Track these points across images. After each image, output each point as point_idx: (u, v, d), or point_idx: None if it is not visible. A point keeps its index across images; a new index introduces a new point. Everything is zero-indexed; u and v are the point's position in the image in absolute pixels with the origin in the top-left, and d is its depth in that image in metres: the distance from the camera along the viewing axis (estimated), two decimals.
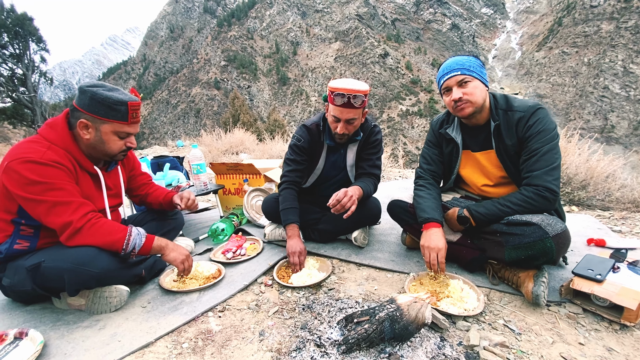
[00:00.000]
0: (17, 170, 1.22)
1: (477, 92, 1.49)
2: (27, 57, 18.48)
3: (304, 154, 2.00)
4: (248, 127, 12.47)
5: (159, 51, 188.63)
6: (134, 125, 1.45)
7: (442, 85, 1.56)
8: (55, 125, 1.37)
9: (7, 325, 1.35)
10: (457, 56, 1.53)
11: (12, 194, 1.26)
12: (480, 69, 1.51)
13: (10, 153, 1.27)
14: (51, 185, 1.25)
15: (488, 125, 1.57)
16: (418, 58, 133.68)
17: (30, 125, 18.89)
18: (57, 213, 1.26)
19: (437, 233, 1.51)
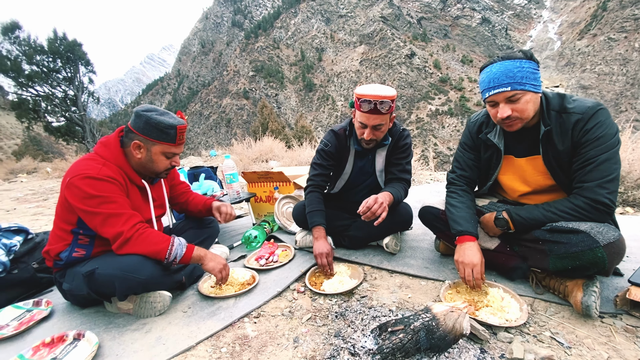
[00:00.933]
0: (78, 185, 1.36)
1: (529, 107, 1.32)
2: (77, 79, 20.24)
3: (330, 158, 2.02)
4: (277, 134, 12.74)
5: (192, 66, 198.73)
6: (179, 146, 1.58)
7: (486, 97, 1.38)
8: (108, 144, 1.51)
9: (66, 327, 1.48)
10: (505, 61, 1.31)
11: (73, 206, 1.39)
12: (534, 75, 1.30)
13: (71, 170, 1.42)
14: (106, 199, 1.38)
15: (537, 129, 1.42)
16: (447, 56, 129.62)
17: (80, 141, 20.60)
18: (111, 224, 1.37)
19: (472, 247, 1.43)
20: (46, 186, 7.72)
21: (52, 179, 9.20)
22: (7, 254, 1.84)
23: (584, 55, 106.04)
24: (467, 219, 1.52)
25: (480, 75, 1.41)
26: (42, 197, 6.19)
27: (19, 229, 2.05)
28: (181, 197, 1.96)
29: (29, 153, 18.31)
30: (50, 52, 19.31)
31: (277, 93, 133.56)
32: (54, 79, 19.71)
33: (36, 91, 19.36)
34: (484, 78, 1.37)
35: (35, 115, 19.47)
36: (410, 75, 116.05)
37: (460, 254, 1.45)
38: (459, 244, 1.48)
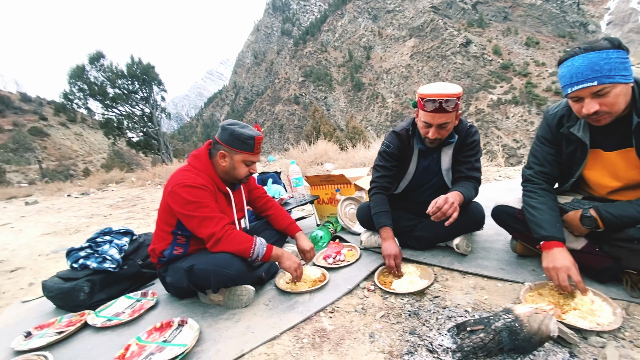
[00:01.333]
0: (179, 192, 1.61)
1: (619, 100, 1.20)
2: (152, 98, 22.94)
3: (393, 160, 2.03)
4: (329, 137, 12.95)
5: (246, 77, 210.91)
6: (257, 155, 1.78)
7: (569, 92, 1.27)
8: (199, 157, 1.77)
9: (170, 315, 1.73)
10: (588, 52, 1.19)
11: (174, 211, 1.65)
12: (624, 64, 1.17)
13: (172, 180, 1.68)
14: (201, 204, 1.61)
15: (628, 119, 1.28)
16: (508, 40, 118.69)
17: (156, 153, 23.28)
18: (205, 225, 1.60)
19: (561, 252, 1.33)
20: (133, 194, 8.88)
21: (137, 187, 10.54)
22: (119, 252, 2.20)
23: None
24: (552, 222, 1.41)
25: (559, 70, 1.31)
26: (131, 204, 7.15)
27: (126, 231, 2.43)
28: (258, 200, 2.15)
29: (115, 165, 21.22)
30: (129, 75, 22.21)
31: (326, 96, 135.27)
32: (133, 100, 22.61)
33: (119, 111, 22.41)
34: (565, 73, 1.26)
35: (119, 132, 22.52)
36: (467, 65, 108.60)
37: (549, 260, 1.36)
38: (546, 251, 1.39)
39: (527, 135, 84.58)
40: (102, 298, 1.97)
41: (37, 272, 3.06)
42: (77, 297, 1.90)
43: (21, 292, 2.59)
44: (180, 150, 28.59)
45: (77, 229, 5.00)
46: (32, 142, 62.11)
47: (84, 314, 1.83)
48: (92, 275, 1.98)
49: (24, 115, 71.58)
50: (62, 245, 4.02)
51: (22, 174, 48.50)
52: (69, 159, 62.56)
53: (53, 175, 37.81)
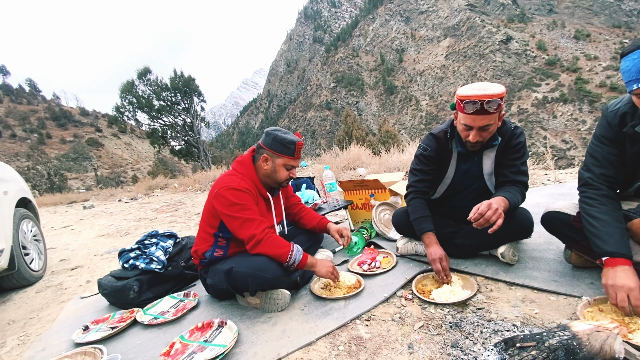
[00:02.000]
0: (224, 195, 1.69)
1: None
2: (192, 109, 24.30)
3: (431, 163, 1.95)
4: (361, 142, 12.86)
5: (279, 85, 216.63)
6: (297, 159, 1.85)
7: (634, 89, 1.17)
8: (244, 162, 1.86)
9: (210, 315, 1.80)
10: None
11: (218, 212, 1.72)
12: None
13: (218, 183, 1.77)
14: (244, 206, 1.68)
15: None
16: (554, 34, 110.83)
17: (196, 160, 24.54)
18: (247, 227, 1.66)
19: (626, 271, 1.21)
20: (175, 199, 9.41)
21: (179, 192, 11.17)
22: (164, 254, 2.33)
23: None
24: (617, 236, 1.27)
25: (622, 63, 1.19)
26: (174, 208, 7.58)
27: (170, 234, 2.58)
28: (294, 207, 2.20)
29: (160, 172, 22.68)
30: (172, 88, 23.74)
31: (358, 100, 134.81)
32: (175, 110, 24.10)
33: (163, 121, 23.98)
34: (629, 67, 1.15)
35: (163, 141, 24.07)
36: (508, 62, 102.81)
37: (610, 278, 1.24)
38: (609, 267, 1.26)
39: (577, 135, 77.86)
40: (149, 297, 2.10)
41: (93, 270, 3.33)
42: (127, 295, 2.04)
43: (80, 288, 2.83)
44: (218, 157, 29.92)
45: (127, 231, 5.39)
46: (89, 152, 68.42)
47: (134, 311, 1.95)
48: (140, 275, 2.12)
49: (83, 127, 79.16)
50: (114, 246, 4.35)
51: (81, 180, 53.53)
52: (119, 166, 68.01)
53: (106, 182, 41.29)
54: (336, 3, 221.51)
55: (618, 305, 1.20)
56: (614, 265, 1.24)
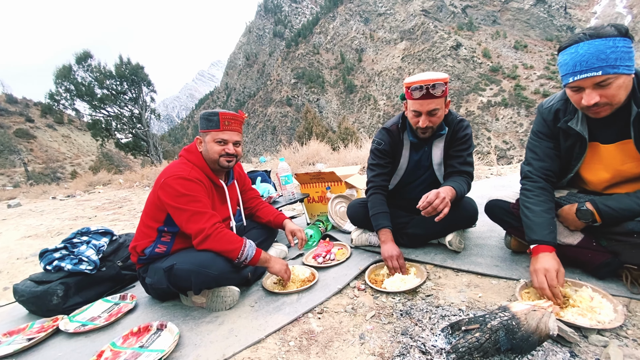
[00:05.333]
0: (171, 184, 1.54)
1: (620, 92, 1.15)
2: (141, 99, 22.57)
3: (386, 156, 1.98)
4: (321, 138, 12.89)
5: (238, 79, 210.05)
6: (227, 132, 1.69)
7: (570, 82, 1.20)
8: (191, 150, 1.73)
9: (149, 318, 1.63)
10: (594, 39, 1.12)
11: (164, 203, 1.57)
12: (629, 54, 1.11)
13: (165, 172, 1.61)
14: (193, 198, 1.55)
15: (626, 110, 1.23)
16: (497, 43, 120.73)
17: (145, 154, 22.87)
18: (195, 220, 1.52)
19: (547, 256, 1.30)
20: (120, 195, 8.67)
21: (124, 189, 10.31)
22: (96, 253, 2.09)
23: None
24: (544, 226, 1.36)
25: (560, 56, 1.23)
26: (117, 205, 6.96)
27: (105, 232, 2.32)
28: (251, 201, 2.10)
29: (103, 167, 20.76)
30: (117, 76, 21.82)
31: (319, 98, 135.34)
32: (121, 100, 22.21)
33: (107, 112, 21.98)
34: (567, 60, 1.18)
35: (107, 134, 22.07)
36: (457, 67, 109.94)
37: (533, 263, 1.33)
38: (534, 255, 1.35)
39: (516, 136, 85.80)
40: (78, 302, 1.86)
41: (14, 275, 2.91)
42: (49, 301, 1.79)
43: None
44: (171, 151, 28.10)
45: (60, 231, 4.82)
46: (17, 145, 60.58)
47: (57, 319, 1.71)
48: (66, 278, 1.87)
49: (10, 117, 69.80)
50: (43, 247, 3.86)
51: (7, 177, 47.23)
52: (56, 161, 61.18)
53: (39, 178, 36.88)
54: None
55: (538, 287, 1.27)
56: (538, 253, 1.33)
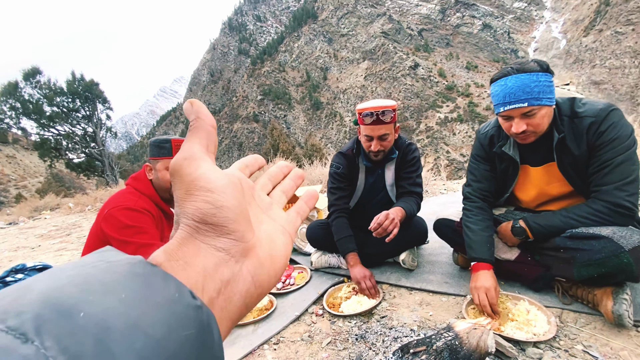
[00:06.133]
0: (116, 215, 1.46)
1: (544, 121, 1.29)
2: (95, 117, 21.29)
3: (345, 179, 2.04)
4: (287, 154, 12.92)
5: (202, 95, 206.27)
6: None
7: (501, 111, 1.33)
8: (139, 178, 1.66)
9: None
10: (521, 74, 1.25)
11: (108, 236, 1.47)
12: (550, 88, 1.26)
13: (110, 202, 1.53)
14: (140, 229, 1.47)
15: (550, 136, 1.37)
16: (451, 64, 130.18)
17: (100, 175, 21.41)
18: (141, 253, 1.41)
19: (485, 274, 1.40)
20: (69, 221, 7.99)
21: (75, 213, 9.53)
22: None
23: (592, 51, 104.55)
24: (483, 243, 1.47)
25: (492, 87, 1.37)
26: (65, 233, 6.40)
27: (43, 267, 2.11)
28: None
29: (51, 190, 19.06)
30: (69, 93, 20.50)
31: (286, 114, 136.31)
32: (73, 118, 20.80)
33: (57, 130, 20.43)
34: (498, 91, 1.32)
35: (57, 154, 20.45)
36: (416, 86, 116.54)
37: (473, 281, 1.43)
38: (474, 272, 1.45)
39: None
40: None
41: None
42: None
43: None
44: (129, 171, 26.56)
45: None
46: None
47: None
48: None
49: None
50: None
51: None
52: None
53: None
54: (261, 18, 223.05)
55: (481, 304, 1.36)
56: (477, 270, 1.43)
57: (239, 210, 0.25)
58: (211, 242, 0.24)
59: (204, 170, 0.25)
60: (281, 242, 0.30)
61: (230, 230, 0.24)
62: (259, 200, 0.32)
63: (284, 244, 0.30)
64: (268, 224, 0.30)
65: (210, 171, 0.25)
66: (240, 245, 0.25)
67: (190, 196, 0.24)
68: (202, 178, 0.25)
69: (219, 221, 0.24)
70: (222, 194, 0.25)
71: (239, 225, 0.25)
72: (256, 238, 0.27)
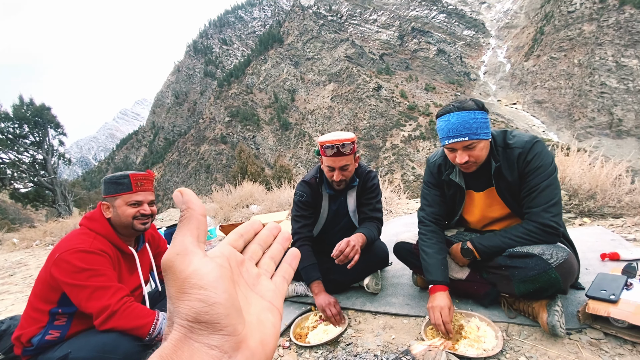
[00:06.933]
0: (68, 259, 1.37)
1: (482, 152, 1.46)
2: (46, 143, 19.89)
3: (309, 207, 2.09)
4: (256, 177, 12.82)
5: (167, 117, 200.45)
6: (141, 193, 1.63)
7: (445, 144, 1.49)
8: (94, 217, 1.58)
9: None
10: (460, 111, 1.42)
11: (59, 281, 1.37)
12: (486, 124, 1.44)
13: (62, 245, 1.43)
14: (96, 272, 1.39)
15: (489, 165, 1.54)
16: (411, 85, 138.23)
17: (51, 205, 19.77)
18: (97, 297, 1.36)
19: (441, 295, 1.51)
20: (12, 259, 7.25)
21: (20, 250, 8.68)
22: None
23: (533, 73, 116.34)
24: (437, 266, 1.59)
25: (437, 122, 1.53)
26: (7, 273, 5.80)
27: None
28: None
29: None
30: (16, 118, 19.08)
31: (254, 135, 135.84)
32: (20, 145, 19.28)
33: (0, 159, 18.78)
34: (443, 126, 1.48)
35: (0, 183, 18.70)
36: (380, 106, 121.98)
37: (430, 301, 1.52)
38: (431, 294, 1.55)
39: None
40: None
41: None
42: None
43: None
44: (85, 199, 24.71)
45: None
46: None
47: None
48: None
49: None
50: None
51: None
52: None
53: None
54: (227, 41, 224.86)
55: (434, 324, 1.45)
56: (434, 292, 1.54)
57: (229, 303, 0.27)
58: (204, 341, 0.25)
59: (196, 266, 0.27)
60: (270, 323, 0.31)
61: (222, 326, 0.26)
62: (247, 276, 0.33)
63: (273, 325, 0.31)
64: (256, 303, 0.32)
65: (202, 266, 0.27)
66: (232, 339, 0.26)
67: (183, 294, 0.26)
68: (194, 275, 0.26)
69: (212, 318, 0.25)
70: (214, 290, 0.26)
71: (231, 319, 0.26)
72: (247, 328, 0.28)
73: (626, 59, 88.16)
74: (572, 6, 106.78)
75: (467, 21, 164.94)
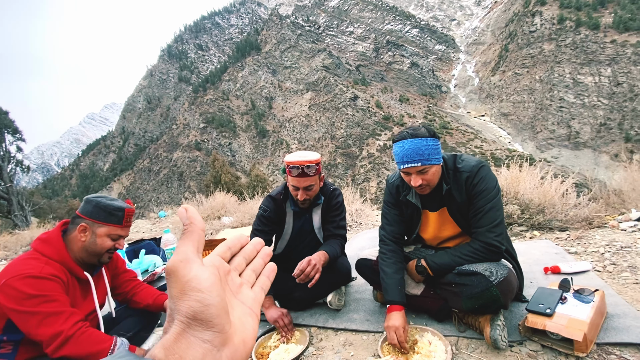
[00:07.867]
0: (15, 286, 1.29)
1: (435, 176, 1.57)
2: (2, 150, 18.58)
3: (270, 223, 2.12)
4: (229, 186, 12.62)
5: (138, 122, 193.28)
6: (125, 229, 1.61)
7: (401, 168, 1.59)
8: (49, 240, 1.49)
9: None
10: (414, 138, 1.52)
11: (6, 309, 1.30)
12: (437, 149, 1.54)
13: (8, 271, 1.34)
14: (47, 298, 1.32)
15: (441, 187, 1.64)
16: (386, 96, 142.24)
17: (6, 216, 18.37)
18: (49, 323, 1.30)
19: (397, 315, 1.58)
20: None
21: None
22: None
23: (499, 88, 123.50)
24: (395, 285, 1.66)
25: (393, 147, 1.62)
26: None
27: None
28: (126, 285, 1.88)
29: None
30: None
31: (231, 142, 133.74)
32: None
33: None
34: (398, 152, 1.57)
35: None
36: (356, 116, 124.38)
37: (387, 320, 1.59)
38: (388, 313, 1.62)
39: None
40: None
41: None
42: None
43: None
44: (45, 209, 23.14)
45: None
46: None
47: None
48: None
49: None
50: None
51: None
52: None
53: None
54: (203, 47, 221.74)
55: (390, 343, 1.52)
56: (390, 311, 1.61)
57: (221, 306, 0.33)
58: (199, 335, 0.31)
59: (196, 272, 0.33)
60: (250, 326, 0.37)
61: (214, 324, 0.32)
62: (232, 284, 0.39)
63: (252, 327, 0.37)
64: (238, 308, 0.37)
65: (200, 273, 0.33)
66: (221, 336, 0.32)
67: (184, 295, 0.32)
68: (194, 279, 0.32)
69: (206, 317, 0.32)
70: (209, 293, 0.32)
71: (221, 319, 0.33)
72: (232, 328, 0.34)
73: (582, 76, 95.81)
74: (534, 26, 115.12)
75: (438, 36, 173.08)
